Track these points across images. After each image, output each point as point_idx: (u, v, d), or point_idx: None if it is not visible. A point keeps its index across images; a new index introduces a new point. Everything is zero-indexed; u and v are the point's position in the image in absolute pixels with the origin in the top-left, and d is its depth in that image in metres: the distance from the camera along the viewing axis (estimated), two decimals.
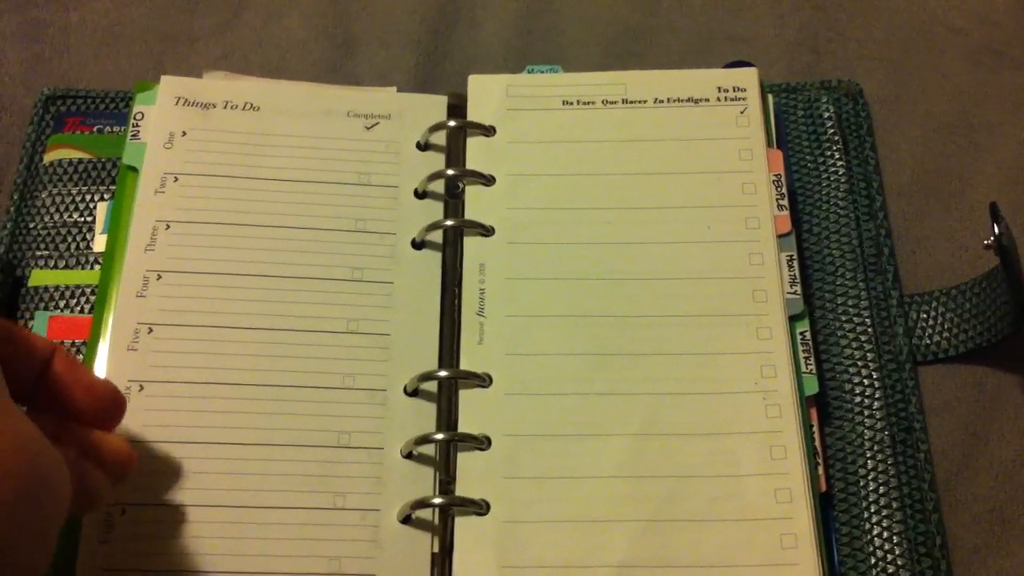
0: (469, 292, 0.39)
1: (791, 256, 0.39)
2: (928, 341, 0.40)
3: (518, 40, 0.49)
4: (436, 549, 0.35)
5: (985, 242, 0.37)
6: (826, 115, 0.44)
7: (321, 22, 0.49)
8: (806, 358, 0.38)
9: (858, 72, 0.47)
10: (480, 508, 0.35)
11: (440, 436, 0.36)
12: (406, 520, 0.36)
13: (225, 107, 0.43)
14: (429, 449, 0.37)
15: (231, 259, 0.39)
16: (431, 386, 0.38)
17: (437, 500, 0.35)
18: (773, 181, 0.40)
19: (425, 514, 0.36)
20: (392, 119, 0.43)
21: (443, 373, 0.37)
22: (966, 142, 0.45)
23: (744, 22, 0.49)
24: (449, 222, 0.40)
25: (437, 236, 0.41)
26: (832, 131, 0.44)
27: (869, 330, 0.40)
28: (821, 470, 0.37)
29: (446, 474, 0.36)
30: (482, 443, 0.36)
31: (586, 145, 0.42)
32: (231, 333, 0.38)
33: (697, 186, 0.41)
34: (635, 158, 0.41)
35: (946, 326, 0.40)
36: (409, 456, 0.36)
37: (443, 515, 0.36)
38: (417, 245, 0.41)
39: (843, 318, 0.40)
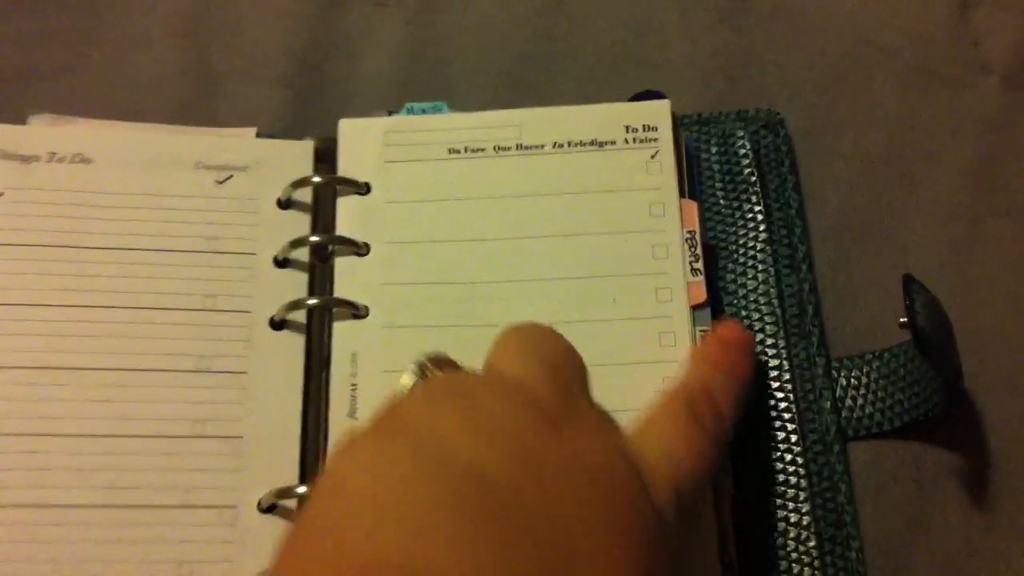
0: (339, 390, 0.33)
1: (704, 332, 0.34)
2: (859, 413, 0.36)
3: (402, 73, 0.43)
4: None
5: (901, 320, 0.32)
6: (742, 151, 0.39)
7: (179, 57, 0.44)
8: None
9: (778, 100, 0.42)
10: None
11: None
12: None
13: (50, 159, 0.37)
14: None
15: (52, 349, 0.34)
16: (292, 502, 0.32)
17: None
18: (687, 240, 0.35)
19: None
20: (249, 171, 0.38)
21: (303, 490, 0.32)
22: (899, 175, 0.41)
23: (652, 45, 0.43)
24: (313, 300, 0.35)
25: (300, 315, 0.35)
26: (749, 171, 0.39)
27: (792, 407, 0.35)
28: None
29: None
30: None
31: (476, 203, 0.36)
32: (51, 442, 0.32)
33: (602, 250, 0.35)
34: (532, 217, 0.36)
35: (879, 395, 0.36)
36: None
37: None
38: (276, 325, 0.35)
39: (763, 393, 0.35)
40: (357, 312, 0.35)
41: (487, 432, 0.23)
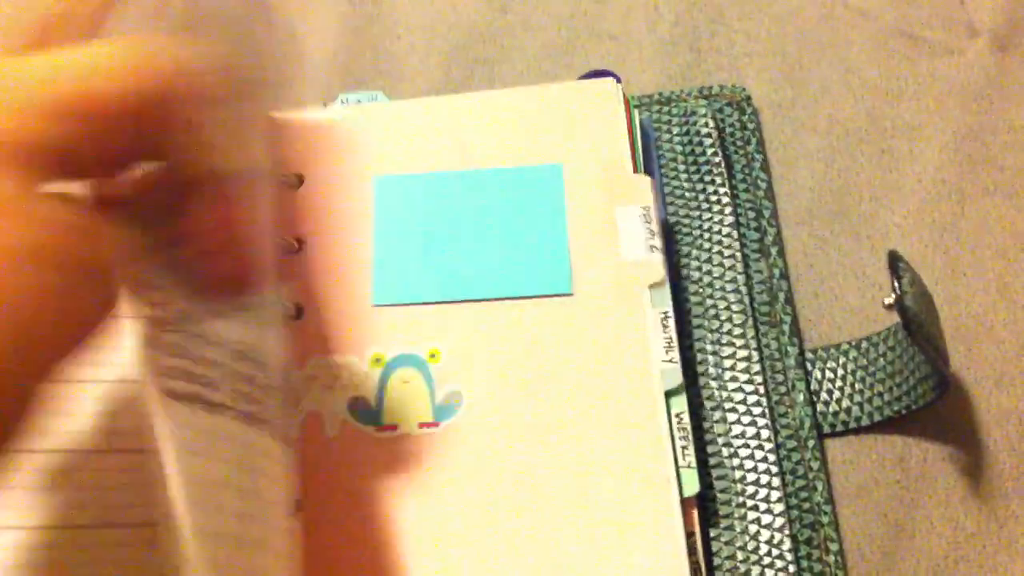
0: None
1: (665, 314, 0.31)
2: (836, 407, 0.33)
3: (345, 54, 0.40)
4: None
5: (886, 301, 0.29)
6: (705, 131, 0.36)
7: None
8: (683, 448, 0.30)
9: (747, 72, 0.39)
10: None
11: None
12: None
13: None
14: None
15: None
16: None
17: None
18: (641, 215, 0.33)
19: None
20: None
21: None
22: (878, 151, 0.38)
23: (612, 15, 0.41)
24: None
25: None
26: (712, 151, 0.36)
27: (763, 400, 0.32)
28: None
29: None
30: None
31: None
32: None
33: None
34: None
35: (856, 387, 0.33)
36: None
37: None
38: None
39: (731, 386, 0.33)
40: None
41: None
